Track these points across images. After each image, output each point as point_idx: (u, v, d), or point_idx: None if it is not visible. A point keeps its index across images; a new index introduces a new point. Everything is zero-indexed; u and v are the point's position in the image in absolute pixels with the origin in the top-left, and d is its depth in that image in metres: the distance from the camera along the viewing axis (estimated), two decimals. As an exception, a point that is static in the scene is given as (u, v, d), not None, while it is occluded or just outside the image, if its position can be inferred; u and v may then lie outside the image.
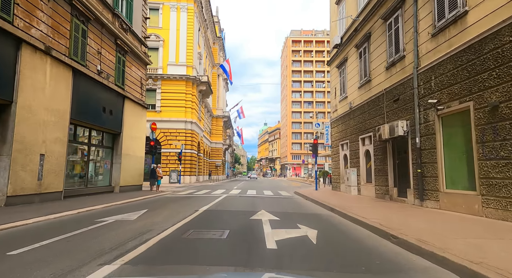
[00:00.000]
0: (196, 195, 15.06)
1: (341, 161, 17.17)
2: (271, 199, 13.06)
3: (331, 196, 13.88)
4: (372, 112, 12.90)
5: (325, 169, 36.88)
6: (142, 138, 17.70)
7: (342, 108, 16.96)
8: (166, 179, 29.94)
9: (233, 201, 11.90)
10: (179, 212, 8.28)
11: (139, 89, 17.29)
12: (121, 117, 15.09)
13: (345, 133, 16.37)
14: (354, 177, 14.61)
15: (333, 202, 10.41)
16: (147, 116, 31.65)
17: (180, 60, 31.88)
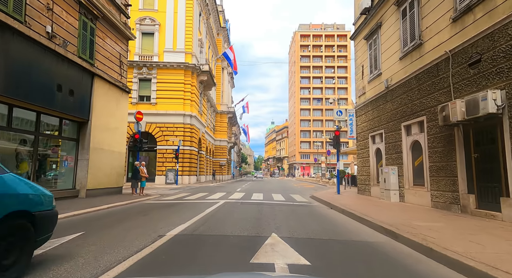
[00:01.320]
0: (185, 201, 11.59)
1: (372, 158, 13.50)
2: (284, 209, 9.51)
3: (365, 204, 10.24)
4: (425, 87, 9.23)
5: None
6: (122, 130, 14.31)
7: (372, 90, 13.28)
8: (162, 179, 26.65)
9: (230, 212, 8.37)
10: (127, 240, 4.77)
11: (118, 68, 13.90)
12: (88, 100, 11.69)
13: (378, 121, 12.69)
14: (395, 178, 10.94)
15: (380, 217, 6.81)
16: (141, 109, 28.41)
17: (178, 47, 28.51)
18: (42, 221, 3.37)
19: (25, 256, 3.18)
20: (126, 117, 14.79)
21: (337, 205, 9.77)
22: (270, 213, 8.25)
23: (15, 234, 3.05)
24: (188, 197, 13.74)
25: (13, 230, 3.03)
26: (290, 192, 18.00)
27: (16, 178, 3.22)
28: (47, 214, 3.50)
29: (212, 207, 9.50)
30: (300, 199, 13.49)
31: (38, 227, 3.30)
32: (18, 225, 3.09)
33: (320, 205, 11.18)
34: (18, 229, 3.09)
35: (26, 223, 3.17)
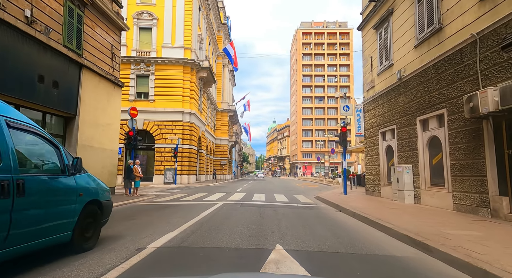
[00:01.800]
0: (180, 203, 10.69)
1: (382, 156, 12.54)
2: (288, 212, 8.58)
3: (377, 206, 9.30)
4: (446, 76, 8.27)
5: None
6: (114, 126, 13.41)
7: (383, 82, 12.32)
8: (160, 179, 25.77)
9: (227, 216, 7.45)
10: (96, 257, 3.85)
11: (109, 60, 12.99)
12: (76, 93, 10.79)
13: (389, 116, 11.73)
14: (409, 178, 9.98)
15: (400, 222, 5.87)
16: (138, 106, 27.52)
17: (176, 42, 27.59)
18: (105, 207, 4.55)
19: (97, 231, 4.36)
20: (119, 113, 13.88)
21: (346, 207, 8.83)
22: (273, 217, 7.32)
23: (91, 216, 4.22)
24: (185, 198, 12.85)
25: (91, 213, 4.19)
26: (293, 193, 17.07)
27: (91, 176, 4.40)
28: (108, 203, 4.69)
29: (209, 210, 8.59)
30: (304, 200, 12.57)
31: (103, 211, 4.48)
32: (93, 209, 4.24)
33: (327, 207, 10.25)
34: (93, 212, 4.26)
35: (97, 209, 4.34)
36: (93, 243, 4.22)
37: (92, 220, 4.23)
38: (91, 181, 4.32)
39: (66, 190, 3.78)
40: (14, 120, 3.24)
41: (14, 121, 3.22)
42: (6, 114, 3.17)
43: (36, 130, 3.60)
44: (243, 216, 7.50)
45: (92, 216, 4.23)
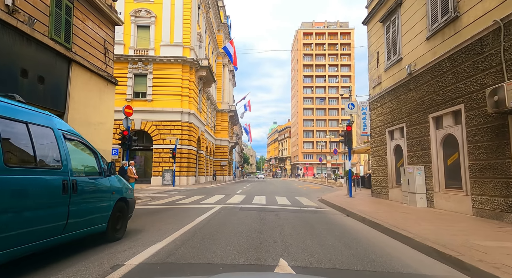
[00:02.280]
0: (175, 207, 10.01)
1: (390, 156, 11.84)
2: (291, 217, 7.89)
3: (387, 210, 8.59)
4: (464, 69, 7.58)
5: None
6: (107, 126, 12.73)
7: (390, 78, 11.63)
8: (158, 180, 25.09)
9: (224, 223, 6.75)
10: (59, 276, 3.16)
11: (101, 55, 12.33)
12: (64, 90, 10.13)
13: (398, 114, 11.04)
14: (421, 179, 9.28)
15: (418, 230, 5.18)
16: (136, 106, 26.86)
17: (175, 40, 26.97)
18: (130, 204, 5.33)
19: (125, 224, 5.18)
20: (112, 111, 13.21)
21: (354, 211, 8.14)
22: (275, 223, 6.63)
23: (120, 211, 5.01)
24: (181, 201, 12.17)
25: (120, 208, 4.97)
26: (295, 195, 16.38)
27: (119, 177, 5.24)
28: (132, 200, 5.44)
29: (205, 214, 7.90)
30: (308, 203, 11.87)
31: (128, 207, 5.26)
32: (121, 206, 5.02)
33: (333, 211, 9.55)
34: (122, 208, 5.04)
35: (124, 205, 5.10)
36: (122, 234, 5.03)
37: (120, 214, 5.03)
38: (119, 182, 5.17)
39: (104, 189, 4.61)
40: (67, 132, 4.06)
41: (67, 133, 4.05)
42: (62, 127, 3.97)
43: (81, 139, 4.44)
44: (242, 222, 6.80)
45: (120, 211, 5.03)
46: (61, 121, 4.13)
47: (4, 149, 2.92)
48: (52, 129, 3.75)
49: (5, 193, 2.87)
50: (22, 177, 3.09)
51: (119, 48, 26.38)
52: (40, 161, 3.42)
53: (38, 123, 3.54)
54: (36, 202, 3.23)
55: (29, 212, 3.08)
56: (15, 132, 3.21)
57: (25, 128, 3.31)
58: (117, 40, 27.00)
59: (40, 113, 3.75)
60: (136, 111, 26.31)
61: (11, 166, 2.98)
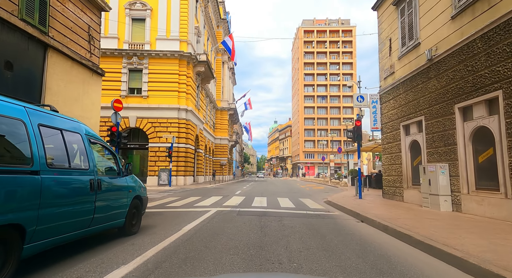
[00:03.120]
0: (165, 210, 8.86)
1: (405, 153, 10.66)
2: (297, 223, 6.72)
3: (409, 215, 7.40)
4: (502, 49, 6.39)
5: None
6: (92, 120, 11.56)
7: (406, 66, 10.44)
8: (154, 180, 23.94)
9: (217, 232, 5.58)
10: None
11: (85, 43, 11.15)
12: (39, 79, 8.97)
13: (415, 106, 9.85)
14: (445, 179, 8.09)
15: (461, 244, 4.01)
16: (131, 102, 25.77)
17: (172, 34, 25.80)
18: (144, 201, 5.86)
19: (139, 220, 5.66)
20: (98, 105, 12.05)
21: (370, 217, 6.96)
22: (278, 234, 5.46)
23: (135, 208, 5.45)
24: (174, 203, 11.01)
25: (135, 205, 5.41)
26: (298, 196, 15.20)
27: (134, 177, 5.67)
28: (145, 198, 6.03)
29: (196, 221, 6.73)
30: (313, 205, 10.69)
31: (142, 205, 5.78)
32: (136, 203, 5.48)
33: (343, 215, 8.37)
34: (137, 205, 5.49)
35: (139, 202, 5.58)
36: (137, 229, 5.45)
37: (136, 211, 5.41)
38: (134, 181, 5.55)
39: (122, 188, 5.01)
40: (91, 136, 4.53)
41: (92, 137, 4.52)
42: (88, 132, 4.43)
43: (102, 143, 4.85)
44: (239, 231, 5.63)
45: (136, 208, 5.41)
46: (86, 127, 4.55)
47: (46, 153, 3.33)
48: (80, 134, 4.20)
49: (47, 190, 3.26)
50: (60, 177, 3.54)
51: (113, 42, 25.27)
52: (72, 163, 3.85)
53: (69, 129, 3.98)
54: (70, 199, 3.66)
55: (65, 207, 3.53)
56: (53, 138, 3.64)
57: (60, 134, 3.76)
58: (111, 34, 25.95)
59: (71, 120, 4.18)
60: (131, 108, 25.26)
61: (51, 167, 3.41)
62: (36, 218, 3.07)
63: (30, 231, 3.01)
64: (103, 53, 24.66)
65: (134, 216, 5.38)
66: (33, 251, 3.14)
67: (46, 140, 3.38)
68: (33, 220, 3.04)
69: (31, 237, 3.03)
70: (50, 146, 3.49)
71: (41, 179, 3.18)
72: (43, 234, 3.19)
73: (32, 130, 3.23)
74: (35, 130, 3.26)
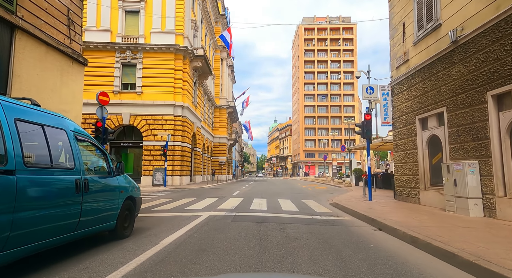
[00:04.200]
0: (151, 216, 7.69)
1: (421, 150, 9.50)
2: (304, 232, 5.57)
3: (437, 222, 6.23)
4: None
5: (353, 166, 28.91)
6: (73, 114, 10.37)
7: (423, 52, 9.28)
8: (148, 180, 22.78)
9: (204, 248, 4.42)
10: None
11: (64, 28, 9.98)
12: (5, 64, 7.81)
13: (435, 96, 8.69)
14: (474, 179, 6.94)
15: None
16: (124, 99, 24.55)
17: (167, 27, 24.64)
18: (137, 202, 5.54)
19: (132, 222, 5.34)
20: (80, 97, 10.89)
21: (390, 224, 5.81)
22: (281, 248, 4.31)
23: (128, 209, 5.17)
24: (163, 206, 9.86)
25: (127, 206, 5.13)
26: (301, 197, 14.04)
27: (127, 177, 5.37)
28: (139, 199, 5.67)
29: (181, 230, 5.57)
30: (319, 208, 9.54)
31: (136, 206, 5.46)
32: (129, 204, 5.20)
33: (356, 221, 7.22)
34: (129, 206, 5.21)
35: (131, 203, 5.29)
36: (130, 231, 5.17)
37: (128, 212, 5.19)
38: (127, 181, 5.31)
39: (113, 188, 4.78)
40: (79, 133, 4.24)
41: (79, 134, 4.22)
42: (74, 129, 4.17)
43: (91, 140, 4.62)
44: (231, 245, 4.48)
45: (128, 209, 5.19)
46: (73, 123, 4.33)
47: (23, 150, 3.06)
48: (65, 131, 3.91)
49: (24, 191, 2.98)
50: (39, 176, 3.25)
51: (105, 35, 24.10)
52: (55, 162, 3.55)
53: (52, 125, 3.68)
54: (51, 201, 3.36)
55: (45, 210, 3.23)
56: (32, 134, 3.39)
57: (41, 130, 3.47)
58: (103, 27, 24.75)
59: (54, 115, 3.89)
60: (124, 104, 24.07)
61: (30, 166, 3.12)
62: (10, 223, 2.77)
63: (3, 238, 2.72)
64: (95, 46, 23.53)
65: (127, 218, 5.13)
66: (7, 260, 2.84)
67: (24, 137, 3.11)
68: (6, 225, 2.75)
69: (4, 244, 2.74)
70: (29, 144, 3.24)
71: (17, 179, 2.90)
72: (19, 241, 2.90)
73: (7, 125, 2.96)
74: (10, 125, 2.99)
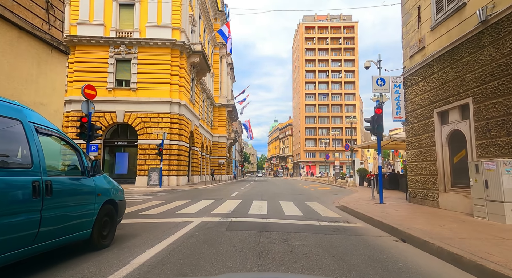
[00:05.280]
0: (133, 222, 6.71)
1: (441, 147, 8.48)
2: (312, 245, 4.56)
3: (478, 233, 5.21)
4: None
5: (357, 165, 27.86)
6: (53, 108, 9.37)
7: (444, 37, 8.25)
8: (144, 180, 21.77)
9: (186, 272, 3.40)
10: None
11: (41, 11, 8.94)
12: (-34, 48, 6.81)
13: (457, 86, 7.67)
14: (511, 180, 5.92)
15: None
16: (119, 96, 23.61)
17: (163, 21, 23.62)
18: (120, 207, 4.83)
19: (113, 230, 4.61)
20: (61, 89, 9.87)
21: (417, 235, 4.79)
22: (286, 269, 3.30)
23: (108, 215, 4.48)
24: (152, 209, 8.84)
25: (107, 212, 4.46)
26: (304, 198, 13.03)
27: (106, 177, 4.68)
28: (122, 202, 4.94)
29: (164, 242, 4.56)
30: (326, 212, 8.52)
31: (118, 211, 4.77)
32: (109, 209, 4.51)
33: (370, 228, 6.21)
34: (109, 212, 4.53)
35: (112, 208, 4.60)
36: (110, 240, 4.47)
37: (108, 219, 4.49)
38: (107, 182, 4.60)
39: (86, 191, 4.06)
40: (41, 126, 3.54)
41: (41, 127, 3.52)
42: (35, 120, 3.46)
43: (59, 134, 3.92)
44: (223, 265, 3.46)
45: (108, 215, 4.49)
46: (34, 113, 3.62)
47: None
48: (21, 122, 3.23)
49: None
50: None
51: (98, 29, 23.08)
52: (2, 159, 2.93)
53: (3, 115, 3.04)
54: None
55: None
56: None
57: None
58: (96, 21, 23.67)
59: (7, 102, 3.22)
60: (118, 101, 23.03)
61: None
62: None
63: None
64: (88, 41, 22.54)
65: (106, 226, 4.44)
66: None
67: None
68: None
69: None
70: None
71: None
72: None
73: None
74: None
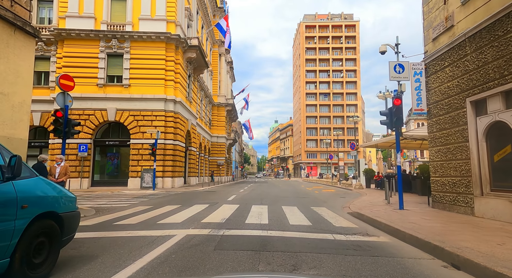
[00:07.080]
0: (102, 236, 5.31)
1: (475, 143, 7.11)
2: (333, 274, 3.19)
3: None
4: None
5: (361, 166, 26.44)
6: (17, 99, 8.03)
7: (479, 11, 6.89)
8: (137, 182, 20.38)
9: None
10: None
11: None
12: None
13: (498, 69, 6.30)
14: None
15: None
16: (110, 92, 22.21)
17: (157, 13, 22.28)
18: (67, 221, 3.58)
19: (53, 254, 3.35)
20: (28, 78, 8.49)
21: (479, 262, 3.45)
22: None
23: (45, 234, 3.27)
24: (133, 217, 7.48)
25: (43, 230, 3.25)
26: (309, 202, 11.64)
27: (44, 181, 3.45)
28: (70, 215, 3.71)
29: (126, 270, 3.20)
30: (337, 221, 7.14)
31: (63, 227, 3.51)
32: (47, 225, 3.28)
33: (398, 243, 4.85)
34: (48, 229, 3.30)
35: (54, 224, 3.37)
36: (48, 269, 3.26)
37: (46, 239, 3.28)
38: (43, 188, 3.36)
39: (2, 202, 2.82)
40: None
41: None
42: None
43: None
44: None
45: (46, 234, 3.29)
46: None
47: None
48: None
49: None
50: None
51: (88, 22, 21.75)
52: None
53: None
54: None
55: None
56: None
57: None
58: (86, 13, 22.29)
59: None
60: (110, 98, 21.63)
61: None
62: None
63: None
64: (77, 34, 21.20)
65: (42, 250, 3.23)
66: None
67: None
68: None
69: None
70: None
71: None
72: None
73: None
74: None
